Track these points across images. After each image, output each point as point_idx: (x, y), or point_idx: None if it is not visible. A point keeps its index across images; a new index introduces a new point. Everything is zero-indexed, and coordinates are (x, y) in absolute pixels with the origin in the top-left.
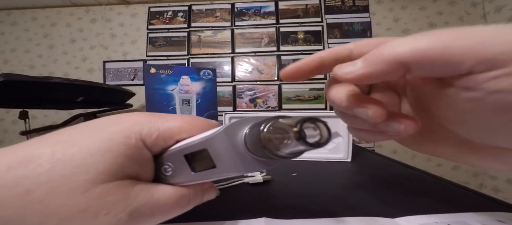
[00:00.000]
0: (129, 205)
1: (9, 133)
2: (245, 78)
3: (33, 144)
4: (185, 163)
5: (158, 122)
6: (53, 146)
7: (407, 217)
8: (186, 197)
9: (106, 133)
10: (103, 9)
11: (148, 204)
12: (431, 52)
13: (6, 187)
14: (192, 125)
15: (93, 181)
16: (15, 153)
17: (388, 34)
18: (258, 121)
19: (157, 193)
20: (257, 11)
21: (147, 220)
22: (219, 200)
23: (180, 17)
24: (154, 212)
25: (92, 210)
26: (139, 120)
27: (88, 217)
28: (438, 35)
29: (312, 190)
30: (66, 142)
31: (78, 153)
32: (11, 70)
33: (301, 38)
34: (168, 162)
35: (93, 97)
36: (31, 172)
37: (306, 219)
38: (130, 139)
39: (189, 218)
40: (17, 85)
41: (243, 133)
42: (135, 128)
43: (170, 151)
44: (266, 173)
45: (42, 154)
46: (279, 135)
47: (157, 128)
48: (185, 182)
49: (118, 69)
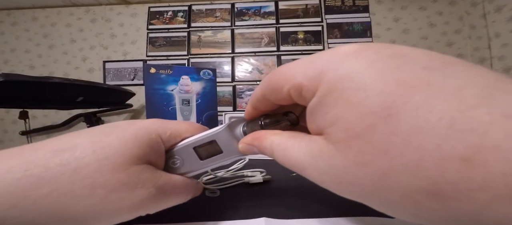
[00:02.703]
0: (156, 182)
1: (9, 133)
2: (245, 78)
3: (69, 137)
4: (194, 154)
5: (170, 124)
6: (89, 137)
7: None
8: (190, 185)
9: (133, 128)
10: (103, 9)
11: (168, 184)
12: (265, 84)
13: (53, 168)
14: (193, 128)
15: (129, 162)
16: (55, 143)
17: (388, 34)
18: (252, 119)
19: (172, 177)
20: (257, 11)
21: (167, 198)
22: (219, 200)
23: (180, 17)
24: (172, 191)
25: (131, 183)
26: (156, 122)
27: (128, 189)
28: (275, 69)
29: (312, 190)
30: (100, 135)
31: (115, 141)
32: (11, 70)
33: (301, 38)
34: (177, 155)
35: (93, 97)
36: (78, 155)
37: (306, 219)
38: (151, 134)
39: (189, 218)
40: (17, 85)
41: (241, 126)
42: (154, 127)
43: (180, 146)
44: (266, 173)
45: (83, 143)
46: (272, 123)
47: (170, 128)
48: (191, 170)
49: (118, 69)
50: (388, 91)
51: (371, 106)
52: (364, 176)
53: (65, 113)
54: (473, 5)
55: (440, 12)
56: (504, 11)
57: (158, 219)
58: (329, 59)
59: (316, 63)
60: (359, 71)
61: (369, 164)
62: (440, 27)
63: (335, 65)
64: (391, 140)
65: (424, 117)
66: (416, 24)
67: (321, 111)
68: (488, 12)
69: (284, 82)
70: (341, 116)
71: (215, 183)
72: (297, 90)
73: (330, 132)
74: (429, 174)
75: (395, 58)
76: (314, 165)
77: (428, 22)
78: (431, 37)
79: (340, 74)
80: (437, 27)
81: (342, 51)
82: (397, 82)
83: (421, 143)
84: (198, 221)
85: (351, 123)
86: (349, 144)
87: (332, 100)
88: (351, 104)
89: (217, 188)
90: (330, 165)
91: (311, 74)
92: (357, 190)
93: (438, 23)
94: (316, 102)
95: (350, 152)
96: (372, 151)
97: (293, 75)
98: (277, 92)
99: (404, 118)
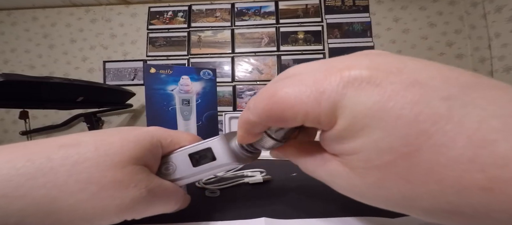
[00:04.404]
0: (149, 183)
1: (9, 133)
2: (245, 78)
3: (75, 135)
4: (188, 160)
5: (172, 132)
6: (93, 136)
7: (407, 217)
8: (179, 194)
9: (136, 132)
10: (103, 9)
11: (160, 187)
12: (264, 114)
13: (54, 160)
14: (193, 138)
15: (127, 161)
16: (61, 139)
17: (388, 34)
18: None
19: (164, 182)
20: (257, 11)
21: (156, 202)
22: (219, 200)
23: (180, 17)
24: (163, 195)
25: (125, 182)
26: (159, 129)
27: (121, 187)
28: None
29: (312, 190)
30: (103, 135)
31: (117, 141)
32: (11, 70)
33: (301, 38)
34: (171, 161)
35: (93, 97)
36: (80, 150)
37: (306, 219)
38: (153, 138)
39: (189, 218)
40: (17, 85)
41: (236, 137)
42: (156, 133)
43: (177, 152)
44: (266, 173)
45: (88, 141)
46: (284, 137)
47: (171, 136)
48: (182, 177)
49: (118, 69)
50: (409, 129)
51: (392, 143)
52: (387, 197)
53: (65, 113)
54: (473, 5)
55: (440, 12)
56: (504, 11)
57: (158, 219)
58: (344, 90)
59: (326, 96)
60: (378, 108)
61: (390, 189)
62: (440, 27)
63: (352, 97)
64: (412, 172)
65: (446, 154)
66: (416, 24)
67: (339, 142)
68: (488, 12)
69: (294, 114)
70: (360, 150)
71: (215, 183)
72: (314, 122)
73: (347, 160)
74: (450, 199)
75: (413, 88)
76: (333, 182)
77: (428, 22)
78: (431, 37)
79: (359, 110)
80: (437, 27)
81: (353, 78)
82: (417, 120)
83: (442, 175)
84: (198, 221)
85: (371, 157)
86: (369, 171)
87: (351, 134)
88: (371, 141)
89: (217, 188)
90: (349, 184)
91: (325, 110)
92: (380, 204)
93: (438, 23)
94: (335, 134)
95: (369, 179)
96: (393, 179)
97: (304, 107)
98: (285, 122)
99: (426, 154)
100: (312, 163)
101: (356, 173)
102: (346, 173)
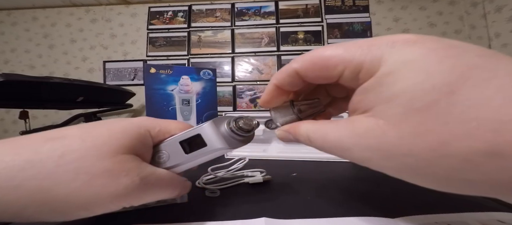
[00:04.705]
0: (140, 172)
1: (9, 133)
2: (245, 78)
3: (61, 129)
4: (180, 148)
5: (160, 121)
6: (79, 129)
7: (407, 217)
8: (176, 180)
9: (123, 123)
10: (103, 9)
11: (153, 175)
12: (307, 61)
13: (42, 152)
14: (182, 126)
15: (116, 151)
16: (47, 133)
17: (388, 34)
18: (235, 117)
19: (157, 170)
20: (257, 11)
21: (151, 189)
22: (219, 200)
23: (180, 17)
24: (157, 184)
25: (116, 171)
26: (146, 119)
27: (112, 175)
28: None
29: (312, 190)
30: (90, 127)
31: (105, 132)
32: (11, 70)
33: (301, 38)
34: (164, 149)
35: (93, 97)
36: (67, 142)
37: (306, 219)
38: (140, 128)
39: (189, 218)
40: (17, 85)
41: (226, 122)
42: (144, 123)
43: (167, 141)
44: (266, 173)
45: (74, 133)
46: (308, 105)
47: (159, 125)
48: (176, 164)
49: (118, 69)
50: (450, 72)
51: (435, 83)
52: (422, 145)
53: (65, 113)
54: (473, 5)
55: (440, 12)
56: (504, 11)
57: (158, 219)
58: (392, 46)
59: (376, 47)
60: (422, 56)
61: (428, 133)
62: (440, 27)
63: (398, 50)
64: (451, 111)
65: (482, 92)
66: (416, 24)
67: (376, 90)
68: (488, 12)
69: (339, 62)
70: (401, 93)
71: (215, 183)
72: (355, 71)
73: (382, 109)
74: (488, 138)
75: (453, 48)
76: (359, 144)
77: (428, 22)
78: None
79: (404, 59)
80: (437, 27)
81: (402, 39)
82: (457, 66)
83: (479, 112)
84: (198, 221)
85: (413, 98)
86: (407, 117)
87: (392, 79)
88: (414, 83)
89: (217, 188)
90: (380, 141)
91: (371, 57)
92: (411, 161)
93: (438, 23)
94: (374, 82)
95: (407, 125)
96: (432, 122)
97: (351, 57)
98: (326, 71)
99: (464, 93)
100: (334, 129)
101: (390, 123)
102: (378, 127)
